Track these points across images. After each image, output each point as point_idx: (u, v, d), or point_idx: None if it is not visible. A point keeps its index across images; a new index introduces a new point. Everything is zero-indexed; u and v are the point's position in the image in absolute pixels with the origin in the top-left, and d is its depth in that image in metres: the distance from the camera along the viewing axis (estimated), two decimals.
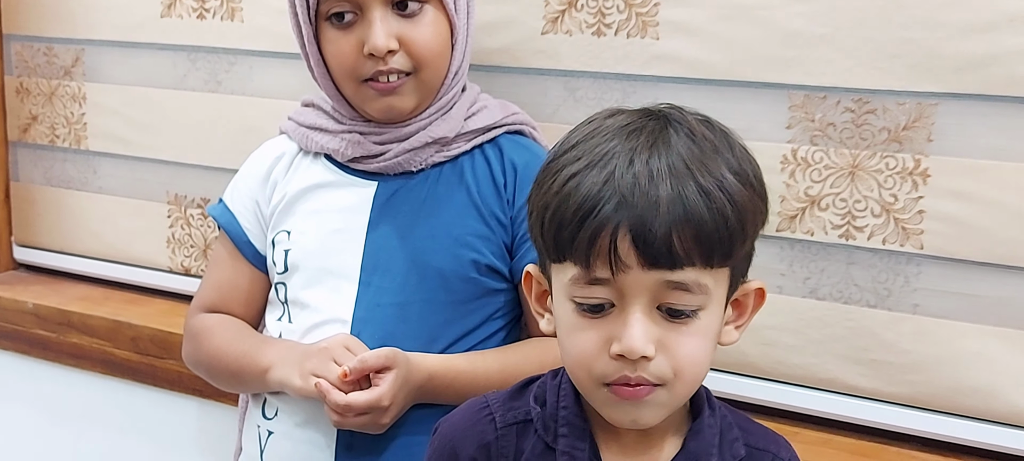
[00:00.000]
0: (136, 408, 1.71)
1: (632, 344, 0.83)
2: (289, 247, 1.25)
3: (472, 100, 1.28)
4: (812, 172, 1.26)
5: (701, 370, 0.88)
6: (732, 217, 0.83)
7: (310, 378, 1.14)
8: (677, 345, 0.85)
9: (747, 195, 0.85)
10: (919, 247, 1.22)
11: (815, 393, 1.31)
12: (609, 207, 0.82)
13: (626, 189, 0.82)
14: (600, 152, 0.85)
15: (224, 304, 1.31)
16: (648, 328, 0.84)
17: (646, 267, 0.82)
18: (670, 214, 0.81)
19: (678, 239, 0.82)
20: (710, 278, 0.85)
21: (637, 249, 0.82)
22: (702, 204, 0.82)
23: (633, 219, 0.81)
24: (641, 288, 0.83)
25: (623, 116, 0.90)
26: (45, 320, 1.75)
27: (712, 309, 0.87)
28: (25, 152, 1.87)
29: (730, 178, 0.85)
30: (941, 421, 1.25)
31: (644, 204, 0.82)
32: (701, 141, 0.86)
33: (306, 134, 1.28)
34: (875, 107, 1.22)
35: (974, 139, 1.18)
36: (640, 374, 0.85)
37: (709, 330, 0.87)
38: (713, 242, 0.83)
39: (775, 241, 1.29)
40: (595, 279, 0.84)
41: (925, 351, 1.24)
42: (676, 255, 0.82)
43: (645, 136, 0.86)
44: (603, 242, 0.82)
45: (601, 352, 0.86)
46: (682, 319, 0.85)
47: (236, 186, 1.33)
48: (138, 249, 1.77)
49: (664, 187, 0.82)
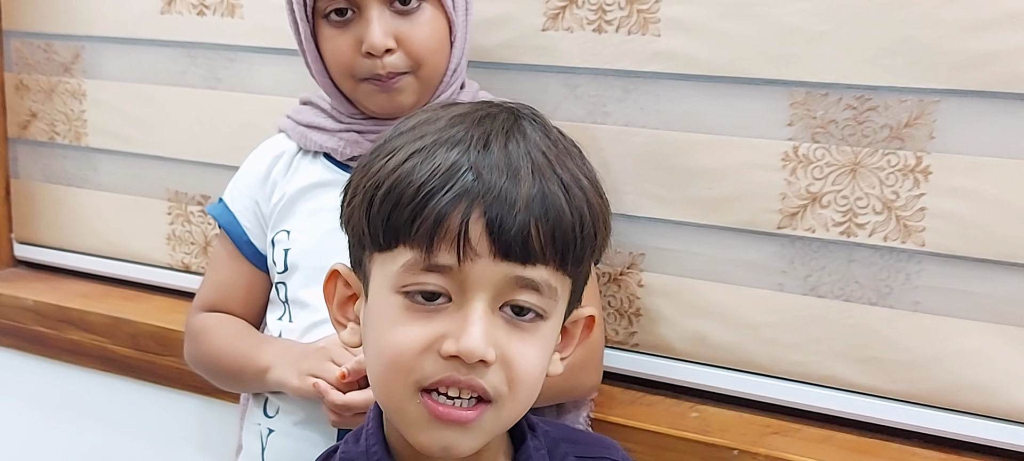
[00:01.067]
0: (135, 405, 1.71)
1: (471, 344, 0.74)
2: (289, 246, 1.25)
3: (471, 96, 1.28)
4: (813, 169, 1.26)
5: (536, 388, 0.79)
6: (588, 220, 0.78)
7: (307, 378, 1.14)
8: (517, 353, 0.76)
9: (600, 205, 0.80)
10: (920, 244, 1.22)
11: (815, 390, 1.31)
12: (460, 186, 0.74)
13: (483, 170, 0.75)
14: (449, 134, 0.77)
15: (224, 303, 1.31)
16: (489, 329, 0.75)
17: (497, 258, 0.74)
18: (532, 204, 0.74)
19: (536, 231, 0.75)
20: (558, 283, 0.78)
21: (491, 237, 0.74)
22: (562, 200, 0.76)
23: (490, 203, 0.74)
24: (487, 282, 0.75)
25: (465, 106, 0.83)
26: (44, 317, 1.75)
27: (553, 322, 0.79)
28: (25, 149, 1.87)
29: (585, 182, 0.79)
30: (941, 418, 1.24)
31: (505, 189, 0.74)
32: (555, 140, 0.80)
33: (304, 133, 1.28)
34: (876, 104, 1.22)
35: (976, 136, 1.18)
36: (471, 378, 0.75)
37: (547, 345, 0.80)
38: (569, 242, 0.76)
39: (775, 238, 1.29)
40: (435, 265, 0.75)
41: (926, 348, 1.23)
42: (532, 249, 0.75)
43: (499, 123, 0.79)
44: (452, 223, 0.74)
45: (427, 351, 0.76)
46: (526, 322, 0.77)
47: (236, 185, 1.33)
48: (138, 246, 1.77)
49: (525, 174, 0.75)
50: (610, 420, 1.31)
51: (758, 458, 1.24)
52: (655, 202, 1.34)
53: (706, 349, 1.35)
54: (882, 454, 1.25)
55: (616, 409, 1.34)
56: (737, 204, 1.30)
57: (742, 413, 1.35)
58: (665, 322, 1.37)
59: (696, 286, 1.34)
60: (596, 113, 1.36)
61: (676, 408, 1.36)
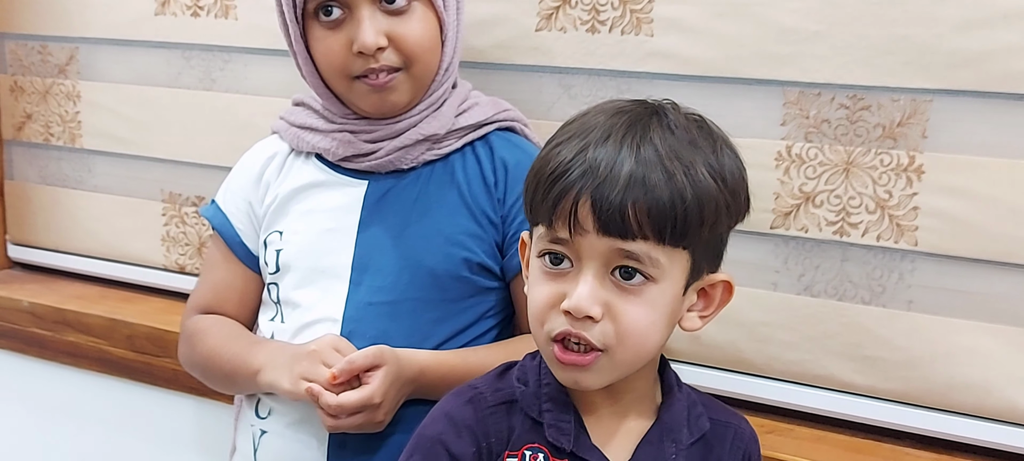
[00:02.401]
0: (132, 406, 1.71)
1: (579, 302, 0.89)
2: (281, 247, 1.25)
3: (463, 97, 1.28)
4: (806, 169, 1.26)
5: (645, 340, 0.92)
6: (690, 201, 0.88)
7: (300, 382, 1.14)
8: (623, 310, 0.90)
9: (713, 187, 0.90)
10: (913, 244, 1.22)
11: (810, 390, 1.31)
12: (575, 174, 0.88)
13: (594, 161, 0.88)
14: (585, 128, 0.92)
15: (219, 305, 1.31)
16: (596, 291, 0.89)
17: (601, 233, 0.88)
18: (628, 188, 0.87)
19: (633, 211, 0.87)
20: (663, 254, 0.89)
21: (594, 215, 0.87)
22: (661, 183, 0.87)
23: (594, 188, 0.87)
24: (595, 252, 0.89)
25: (622, 102, 0.96)
26: (41, 318, 1.75)
27: (665, 286, 0.91)
28: (20, 150, 1.87)
29: (699, 169, 0.89)
30: (935, 417, 1.25)
31: (606, 175, 0.87)
32: (680, 133, 0.91)
33: (297, 134, 1.28)
34: (869, 103, 1.22)
35: (968, 135, 1.18)
36: (582, 332, 0.90)
37: (659, 304, 0.91)
38: (665, 219, 0.87)
39: (769, 238, 1.29)
40: (556, 238, 0.90)
41: (919, 347, 1.24)
42: (629, 226, 0.87)
43: (628, 118, 0.91)
44: (566, 205, 0.89)
45: (553, 306, 0.91)
46: (632, 285, 0.90)
47: (229, 187, 1.33)
48: (133, 247, 1.77)
49: (628, 163, 0.88)
50: None
51: None
52: None
53: (700, 349, 1.35)
54: (876, 454, 1.25)
55: None
56: None
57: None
58: None
59: None
60: None
61: None
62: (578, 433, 0.97)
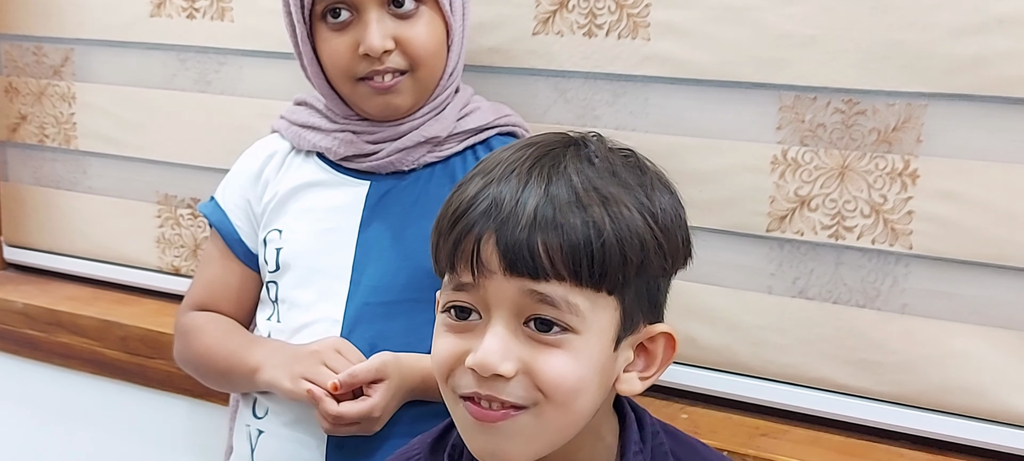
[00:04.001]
0: (126, 408, 1.71)
1: (485, 358, 0.78)
2: (281, 246, 1.25)
3: (465, 101, 1.28)
4: (802, 173, 1.26)
5: (577, 394, 0.80)
6: (609, 236, 0.78)
7: (300, 382, 1.14)
8: (543, 363, 0.79)
9: (639, 223, 0.80)
10: (908, 247, 1.23)
11: (804, 391, 1.31)
12: (478, 211, 0.80)
13: (498, 196, 0.80)
14: (491, 164, 0.84)
15: (215, 302, 1.31)
16: (508, 344, 0.79)
17: (508, 274, 0.78)
18: (538, 220, 0.78)
19: (543, 246, 0.78)
20: (582, 299, 0.79)
21: (500, 252, 0.78)
22: (577, 217, 0.78)
23: (499, 223, 0.79)
24: (504, 298, 0.79)
25: (539, 135, 0.87)
26: (34, 320, 1.74)
27: (589, 338, 0.80)
28: (14, 152, 1.86)
29: (622, 203, 0.80)
30: (929, 418, 1.25)
31: (512, 208, 0.79)
32: (601, 165, 0.82)
33: (299, 133, 1.28)
34: (865, 108, 1.22)
35: (963, 140, 1.19)
36: (491, 394, 0.79)
37: (583, 357, 0.80)
38: (580, 255, 0.78)
39: (764, 241, 1.30)
40: (460, 284, 0.81)
41: (913, 351, 1.24)
42: (540, 263, 0.78)
43: (537, 151, 0.83)
44: (467, 245, 0.80)
45: (459, 362, 0.81)
46: (551, 335, 0.79)
47: (228, 184, 1.33)
48: (128, 249, 1.77)
49: (535, 196, 0.79)
50: None
51: (747, 459, 1.25)
52: None
53: (695, 351, 1.36)
54: (870, 455, 1.26)
55: None
56: (726, 207, 1.31)
57: (731, 415, 1.35)
58: None
59: (686, 289, 1.34)
60: (586, 116, 1.37)
61: (666, 409, 1.37)
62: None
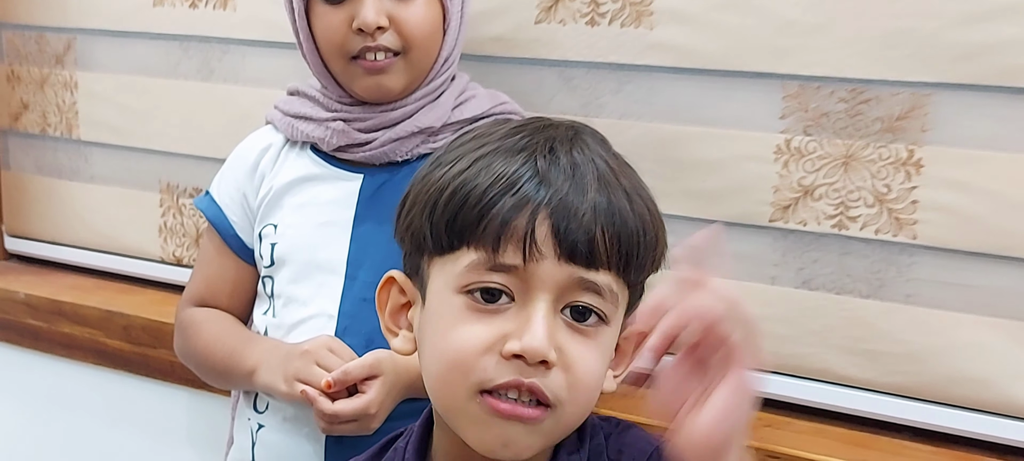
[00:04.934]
0: (128, 398, 1.71)
1: (534, 343, 0.73)
2: (276, 241, 1.25)
3: (461, 89, 1.27)
4: (806, 162, 1.26)
5: (592, 396, 0.78)
6: (651, 229, 0.78)
7: (295, 384, 1.13)
8: (578, 356, 0.76)
9: (658, 217, 0.81)
10: (912, 237, 1.22)
11: (809, 383, 1.31)
12: (529, 187, 0.75)
13: (550, 174, 0.75)
14: (510, 142, 0.78)
15: (213, 297, 1.31)
16: (551, 330, 0.75)
17: (562, 259, 0.74)
18: (597, 208, 0.75)
19: (602, 236, 0.75)
20: (619, 290, 0.77)
21: (556, 238, 0.74)
22: (627, 206, 0.76)
23: (557, 204, 0.74)
24: (551, 282, 0.75)
25: (523, 119, 0.84)
26: (36, 310, 1.74)
27: (612, 330, 0.79)
28: (16, 141, 1.86)
29: (645, 194, 0.80)
30: (934, 411, 1.25)
31: (571, 191, 0.75)
32: (614, 154, 0.82)
33: (292, 124, 1.27)
34: (869, 97, 1.22)
35: (968, 129, 1.18)
36: (536, 382, 0.74)
37: (607, 352, 0.79)
38: (632, 248, 0.76)
39: (768, 231, 1.29)
40: (500, 265, 0.75)
41: (919, 341, 1.24)
42: (596, 252, 0.75)
43: (562, 131, 0.80)
44: (519, 222, 0.74)
45: (488, 351, 0.75)
46: (588, 325, 0.76)
47: (223, 178, 1.32)
48: (130, 239, 1.77)
49: (591, 180, 0.76)
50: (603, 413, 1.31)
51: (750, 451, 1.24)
52: None
53: None
54: (875, 447, 1.25)
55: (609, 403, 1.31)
56: (730, 197, 1.30)
57: None
58: None
59: None
60: (591, 106, 1.36)
61: None
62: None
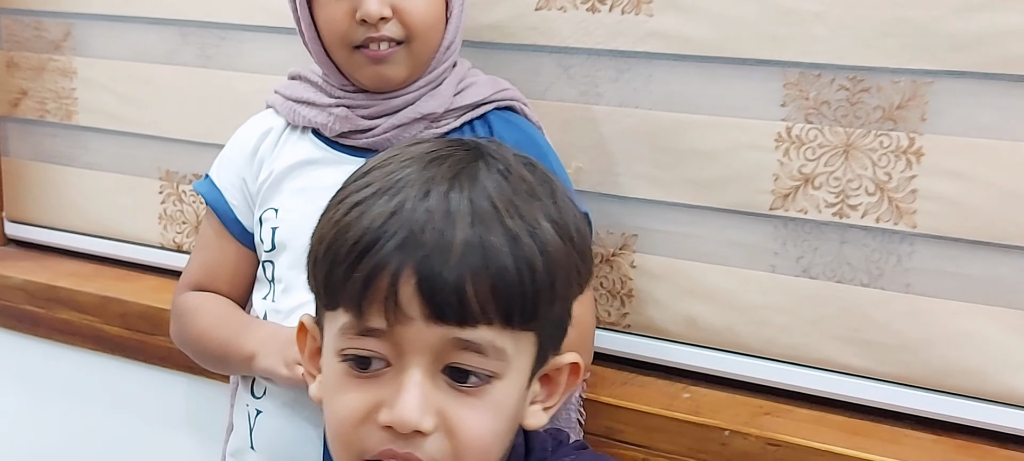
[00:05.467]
0: (125, 384, 1.70)
1: (404, 414, 0.70)
2: (276, 225, 1.24)
3: (462, 75, 1.27)
4: (806, 150, 1.25)
5: (491, 449, 0.75)
6: (541, 271, 0.71)
7: (296, 368, 1.13)
8: (461, 420, 0.72)
9: (563, 249, 0.74)
10: (912, 226, 1.22)
11: (807, 371, 1.30)
12: (392, 243, 0.70)
13: (416, 224, 0.70)
14: (393, 180, 0.73)
15: (211, 282, 1.30)
16: (427, 395, 0.71)
17: (431, 321, 0.70)
18: (466, 259, 0.69)
19: (473, 290, 0.69)
20: (509, 341, 0.72)
21: (422, 297, 0.69)
22: (507, 251, 0.70)
23: (420, 261, 0.69)
24: (423, 345, 0.71)
25: (429, 144, 0.78)
26: (34, 296, 1.74)
27: (510, 381, 0.74)
28: (14, 127, 1.86)
29: (545, 226, 0.73)
30: (934, 399, 1.24)
31: (435, 244, 0.69)
32: (515, 180, 0.74)
33: (293, 108, 1.27)
34: (870, 85, 1.21)
35: (969, 118, 1.18)
36: (409, 451, 0.72)
37: (503, 406, 0.74)
38: (514, 297, 0.70)
39: (768, 220, 1.29)
40: (368, 329, 0.71)
41: (917, 330, 1.23)
42: (469, 309, 0.69)
43: (448, 166, 0.73)
44: (381, 285, 0.70)
45: (366, 420, 0.73)
46: (470, 386, 0.72)
47: (222, 162, 1.32)
48: (129, 225, 1.76)
49: (462, 226, 0.70)
50: (602, 400, 1.31)
51: (749, 438, 1.24)
52: (648, 183, 1.34)
53: (698, 331, 1.35)
54: (874, 435, 1.25)
55: (608, 390, 1.34)
56: (730, 185, 1.30)
57: (734, 394, 1.34)
58: (657, 304, 1.37)
59: (688, 267, 1.34)
60: (589, 94, 1.36)
61: (668, 389, 1.36)
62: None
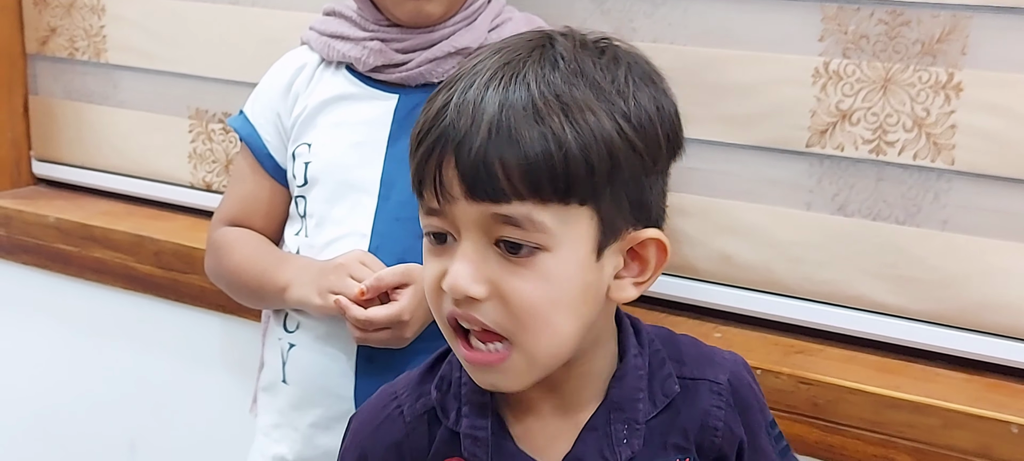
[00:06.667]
0: (159, 323, 1.72)
1: (454, 281, 0.76)
2: (309, 160, 1.24)
3: (497, 11, 1.26)
4: (844, 85, 1.24)
5: (550, 322, 0.78)
6: (573, 149, 0.74)
7: (329, 296, 1.14)
8: (511, 288, 0.76)
9: (609, 131, 0.75)
10: (950, 162, 1.20)
11: (839, 310, 1.30)
12: (437, 131, 0.76)
13: (457, 113, 0.76)
14: (462, 73, 0.79)
15: (246, 217, 1.31)
16: (478, 266, 0.76)
17: (470, 199, 0.75)
18: (493, 139, 0.74)
19: (502, 168, 0.74)
20: (549, 216, 0.75)
21: (460, 178, 0.75)
22: (533, 129, 0.74)
23: (457, 146, 0.75)
24: (469, 221, 0.76)
25: (511, 39, 0.82)
26: (67, 234, 1.75)
27: (563, 254, 0.77)
28: (44, 65, 1.86)
29: (589, 110, 0.75)
30: (966, 337, 1.24)
31: (467, 129, 0.75)
32: (566, 67, 0.77)
33: (328, 43, 1.26)
34: (909, 19, 1.19)
35: (1009, 52, 1.16)
36: (470, 313, 0.78)
37: (557, 277, 0.77)
38: (541, 173, 0.74)
39: (804, 157, 1.28)
40: (430, 209, 0.78)
41: (953, 268, 1.23)
42: (498, 187, 0.74)
43: (504, 55, 0.78)
44: (430, 169, 0.77)
45: (440, 288, 0.79)
46: (520, 256, 0.76)
47: (257, 98, 1.32)
48: (160, 164, 1.77)
49: (492, 109, 0.74)
50: None
51: (781, 377, 1.24)
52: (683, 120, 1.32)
53: (731, 269, 1.35)
54: (905, 374, 1.25)
55: None
56: (766, 121, 1.28)
57: (766, 334, 1.34)
58: (690, 242, 1.36)
59: (723, 206, 1.33)
60: (624, 29, 1.34)
61: (699, 329, 1.36)
62: (498, 441, 0.84)
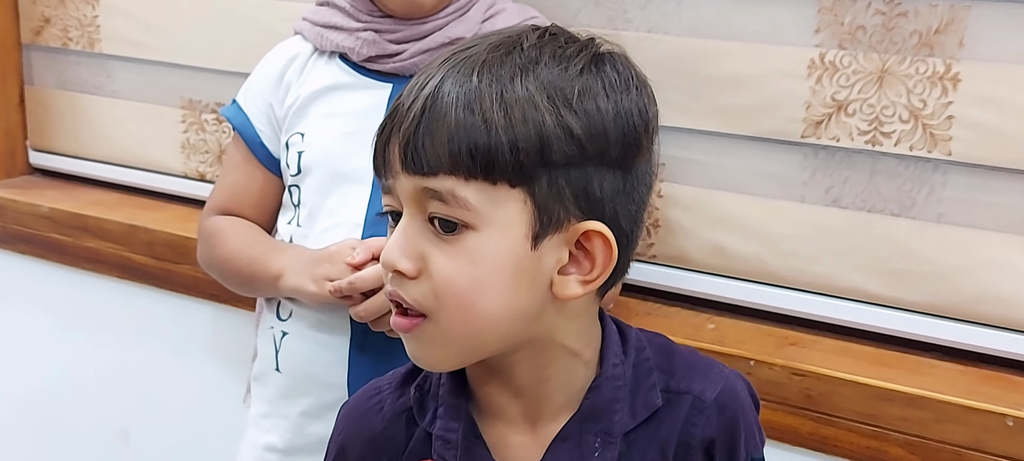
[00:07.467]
0: (152, 312, 1.71)
1: (385, 253, 0.79)
2: (303, 149, 1.24)
3: (490, 2, 1.25)
4: (839, 77, 1.23)
5: (470, 300, 0.78)
6: (499, 128, 0.75)
7: (324, 283, 1.14)
8: (434, 262, 0.77)
9: (540, 114, 0.75)
10: (947, 154, 1.20)
11: (834, 301, 1.30)
12: (390, 113, 0.80)
13: (407, 95, 0.79)
14: (431, 63, 0.81)
15: (237, 206, 1.31)
16: (410, 240, 0.78)
17: (406, 171, 0.77)
18: (426, 114, 0.76)
19: (430, 141, 0.76)
20: (474, 192, 0.76)
21: (399, 151, 0.78)
22: (464, 110, 0.75)
23: (399, 120, 0.78)
24: (406, 195, 0.78)
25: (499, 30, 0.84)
26: (60, 224, 1.75)
27: (490, 235, 0.77)
28: (38, 55, 1.85)
29: (527, 96, 0.76)
30: (961, 329, 1.24)
31: (410, 106, 0.77)
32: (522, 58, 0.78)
33: (321, 33, 1.26)
34: (906, 10, 1.19)
35: (1007, 44, 1.15)
36: (396, 290, 0.79)
37: (483, 257, 0.77)
38: (461, 147, 0.75)
39: (798, 148, 1.27)
40: (384, 187, 0.81)
41: (948, 260, 1.22)
42: (425, 158, 0.76)
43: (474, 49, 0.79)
44: (380, 146, 0.80)
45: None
46: (451, 235, 0.77)
47: (249, 87, 1.31)
48: (152, 154, 1.76)
49: (433, 90, 0.77)
50: None
51: (775, 368, 1.23)
52: (677, 111, 1.32)
53: (725, 261, 1.34)
54: (900, 366, 1.24)
55: (633, 320, 1.32)
56: (761, 113, 1.28)
57: (760, 325, 1.34)
58: (684, 233, 1.36)
59: (716, 197, 1.33)
60: (618, 19, 1.34)
61: (693, 319, 1.36)
62: (469, 445, 0.84)
